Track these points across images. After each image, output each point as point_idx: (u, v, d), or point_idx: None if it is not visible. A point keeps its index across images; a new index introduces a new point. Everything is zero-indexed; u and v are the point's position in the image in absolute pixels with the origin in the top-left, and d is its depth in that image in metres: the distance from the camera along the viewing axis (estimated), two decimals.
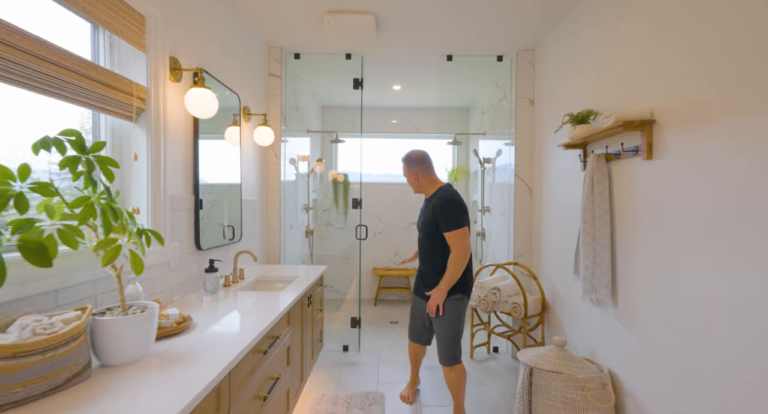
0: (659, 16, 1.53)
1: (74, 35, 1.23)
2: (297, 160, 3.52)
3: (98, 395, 0.81)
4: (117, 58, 1.35)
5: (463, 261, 1.82)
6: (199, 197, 1.76)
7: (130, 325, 0.95)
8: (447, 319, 1.88)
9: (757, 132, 1.11)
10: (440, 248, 1.89)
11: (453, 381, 1.94)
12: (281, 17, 2.36)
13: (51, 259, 0.81)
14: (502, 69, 3.07)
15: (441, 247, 1.88)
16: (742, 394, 1.15)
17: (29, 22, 1.01)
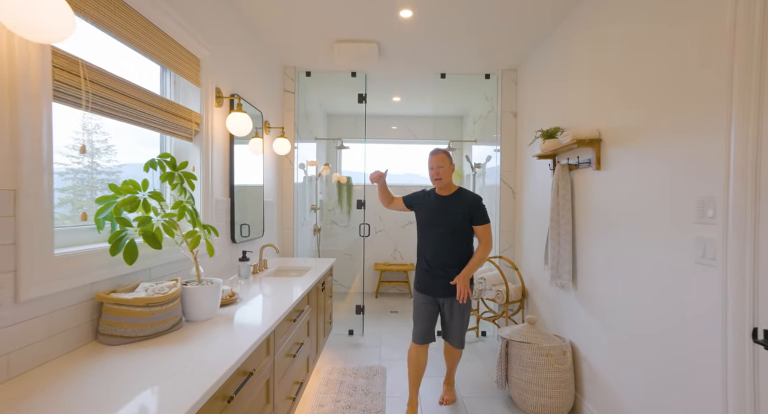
0: (597, 67, 1.92)
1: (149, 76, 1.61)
2: (306, 164, 3.91)
3: (190, 337, 1.19)
4: (181, 92, 1.73)
5: (488, 253, 2.01)
6: (233, 200, 2.15)
7: (206, 292, 1.34)
8: (467, 306, 2.05)
9: (667, 148, 1.50)
10: (464, 242, 2.02)
11: (457, 358, 2.22)
12: (297, 44, 2.75)
13: (160, 244, 1.20)
14: (490, 85, 3.46)
15: (464, 241, 2.02)
16: (665, 352, 1.54)
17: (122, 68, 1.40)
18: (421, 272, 2.09)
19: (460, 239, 2.00)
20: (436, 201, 2.07)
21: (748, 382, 1.12)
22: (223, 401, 0.98)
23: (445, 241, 2.01)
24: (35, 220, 0.93)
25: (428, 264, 2.04)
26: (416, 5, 2.20)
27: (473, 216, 1.99)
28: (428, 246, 2.06)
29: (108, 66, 1.22)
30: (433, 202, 2.08)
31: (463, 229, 2.00)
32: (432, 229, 2.05)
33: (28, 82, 0.91)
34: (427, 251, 2.06)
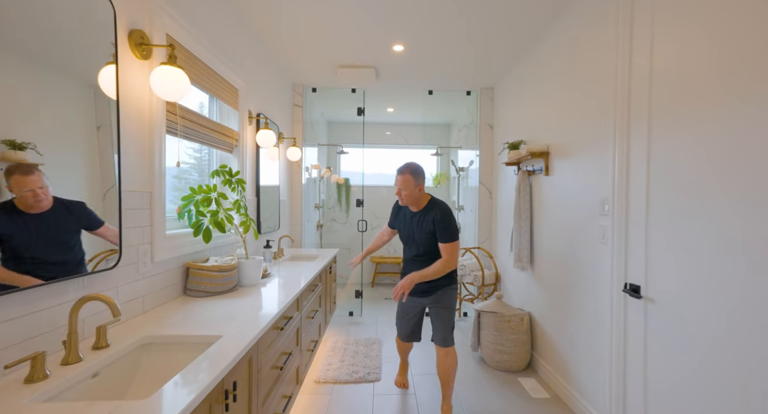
0: (546, 94, 2.47)
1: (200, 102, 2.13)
2: (311, 168, 4.42)
3: (248, 295, 1.71)
4: (225, 115, 2.25)
5: (447, 269, 1.94)
6: (259, 199, 2.67)
7: (254, 265, 1.86)
8: (447, 303, 2.06)
9: (586, 161, 2.05)
10: (433, 253, 2.00)
11: (449, 367, 2.00)
12: (306, 67, 3.27)
13: (225, 230, 1.72)
14: (471, 100, 4.01)
15: (434, 252, 2.00)
16: (580, 305, 2.09)
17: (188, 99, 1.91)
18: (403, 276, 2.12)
19: (434, 253, 1.99)
20: (410, 218, 2.07)
21: (621, 315, 1.69)
22: (277, 329, 1.51)
23: (420, 258, 2.03)
24: (158, 211, 1.45)
25: (408, 271, 2.09)
26: (407, 41, 2.73)
27: (437, 233, 1.94)
28: (408, 259, 2.13)
29: (185, 103, 1.73)
30: (409, 218, 2.08)
31: (430, 244, 1.99)
32: (409, 244, 2.09)
33: (157, 122, 1.43)
34: (408, 263, 2.13)
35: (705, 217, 1.29)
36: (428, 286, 2.04)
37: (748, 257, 1.13)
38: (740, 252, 1.16)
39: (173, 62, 1.31)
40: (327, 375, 2.51)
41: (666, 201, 1.47)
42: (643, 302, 1.58)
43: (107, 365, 1.01)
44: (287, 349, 1.66)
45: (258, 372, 1.25)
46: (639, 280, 1.61)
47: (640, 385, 1.60)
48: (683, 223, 1.38)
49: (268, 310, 1.46)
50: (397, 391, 2.36)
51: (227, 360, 0.96)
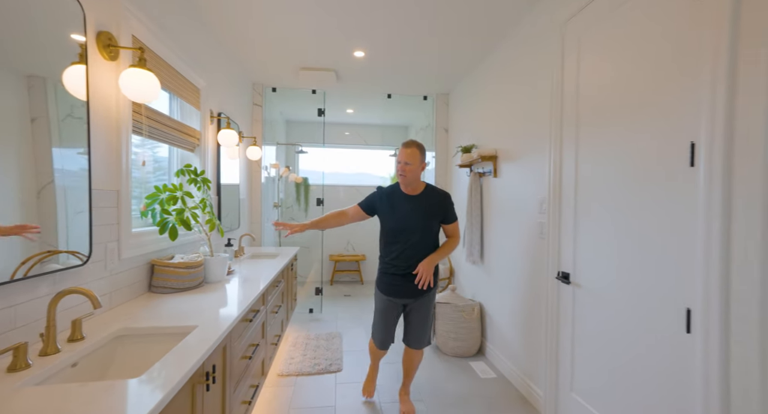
0: (494, 104, 2.74)
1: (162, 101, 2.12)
2: (270, 167, 4.42)
3: (213, 291, 1.76)
4: (186, 114, 2.25)
5: (457, 245, 1.99)
6: (220, 197, 2.67)
7: (220, 262, 1.90)
8: (431, 304, 1.98)
9: (527, 164, 2.32)
10: (435, 241, 1.93)
11: (417, 361, 2.07)
12: (267, 68, 3.30)
13: (191, 228, 1.76)
14: (428, 105, 4.24)
15: (435, 240, 1.93)
16: (524, 293, 2.36)
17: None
18: (389, 275, 1.93)
19: (432, 239, 1.92)
20: (407, 202, 1.89)
21: (554, 299, 1.96)
22: (246, 321, 1.58)
23: (419, 244, 1.87)
24: (125, 209, 1.47)
25: (397, 268, 1.89)
26: (367, 48, 2.87)
27: (446, 215, 1.92)
28: (399, 250, 1.88)
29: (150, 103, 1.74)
30: (403, 203, 1.89)
31: (434, 229, 1.92)
32: (404, 233, 1.87)
33: (123, 121, 1.44)
34: (398, 255, 1.89)
35: (611, 214, 1.56)
36: (426, 289, 1.89)
37: (643, 253, 1.41)
38: (637, 245, 1.44)
39: (143, 65, 1.35)
40: (290, 368, 2.58)
41: (588, 200, 1.75)
42: (572, 287, 1.86)
43: (85, 356, 1.05)
44: (254, 340, 1.73)
45: (231, 360, 1.33)
46: (569, 269, 1.88)
47: (569, 359, 1.87)
48: (598, 218, 1.66)
49: (239, 302, 1.54)
50: (359, 379, 2.49)
51: (209, 343, 1.04)
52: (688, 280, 1.22)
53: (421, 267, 1.80)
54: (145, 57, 1.40)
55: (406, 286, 1.90)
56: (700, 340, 1.18)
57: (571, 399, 1.84)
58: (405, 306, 1.99)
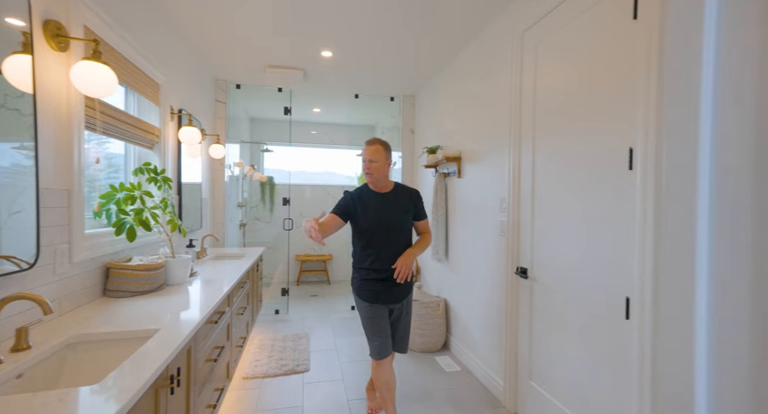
0: (459, 106, 2.84)
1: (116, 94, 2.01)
2: (233, 165, 4.29)
3: (175, 293, 1.71)
4: (144, 109, 2.14)
5: (431, 242, 2.01)
6: (181, 197, 2.57)
7: (183, 263, 1.84)
8: (411, 309, 1.99)
9: (490, 165, 2.43)
10: (408, 240, 1.89)
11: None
12: (231, 65, 3.21)
13: (150, 228, 1.69)
14: (395, 106, 4.30)
15: (408, 238, 1.89)
16: (484, 288, 2.47)
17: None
18: (369, 282, 1.82)
19: (407, 237, 1.89)
20: (378, 201, 1.83)
21: (513, 293, 2.08)
22: (211, 323, 1.55)
23: (395, 244, 1.81)
24: (77, 209, 1.39)
25: (378, 272, 1.80)
26: (336, 48, 2.87)
27: (417, 211, 1.93)
28: (376, 252, 1.80)
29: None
30: (374, 203, 1.83)
31: (408, 226, 1.89)
32: (379, 234, 1.79)
33: (75, 117, 1.36)
34: (376, 258, 1.80)
35: (563, 212, 1.68)
36: (404, 289, 1.88)
37: (591, 248, 1.53)
38: (585, 241, 1.56)
39: (98, 58, 1.29)
40: (255, 370, 2.54)
41: (543, 200, 1.86)
42: (529, 282, 1.97)
43: (32, 366, 0.99)
44: (220, 343, 1.69)
45: (196, 363, 1.30)
46: (527, 264, 1.99)
47: (527, 349, 1.98)
48: (552, 216, 1.78)
49: (203, 304, 1.50)
50: (327, 378, 2.50)
51: (174, 345, 1.02)
52: (628, 272, 1.35)
53: (400, 260, 1.75)
54: (100, 49, 1.33)
55: (390, 291, 1.82)
56: (636, 325, 1.30)
57: (529, 387, 1.95)
58: (391, 312, 1.91)
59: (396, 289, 1.84)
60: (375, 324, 1.84)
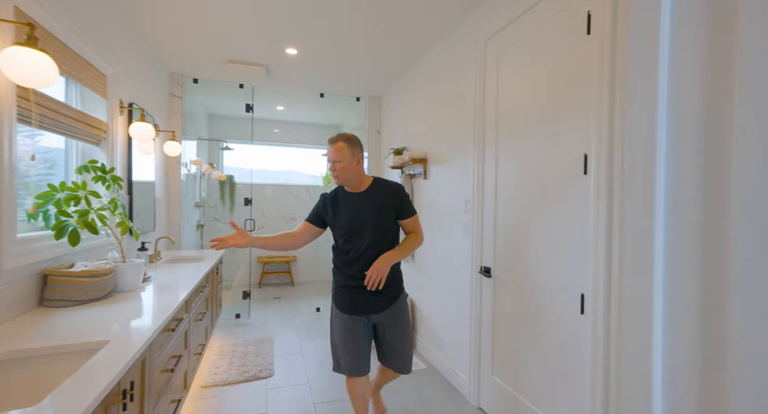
0: (425, 108, 2.89)
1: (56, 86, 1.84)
2: (190, 163, 4.07)
3: (126, 301, 1.59)
4: (90, 103, 1.97)
5: (419, 244, 1.72)
6: (132, 196, 2.40)
7: (134, 268, 1.72)
8: (407, 319, 1.72)
9: (455, 167, 2.48)
10: (391, 243, 1.65)
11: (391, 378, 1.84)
12: (188, 58, 3.04)
13: (97, 231, 1.57)
14: (360, 106, 4.28)
15: (394, 241, 1.67)
16: (450, 286, 2.52)
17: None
18: (346, 290, 1.65)
19: (389, 240, 1.65)
20: (353, 202, 1.66)
21: (477, 292, 2.14)
22: (168, 331, 1.46)
23: (374, 249, 1.60)
24: (8, 211, 1.25)
25: (356, 278, 1.61)
26: (300, 46, 2.80)
27: (399, 209, 1.67)
28: (353, 259, 1.62)
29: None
30: (348, 205, 1.66)
31: (390, 229, 1.66)
32: (355, 239, 1.62)
33: (5, 108, 1.23)
34: (352, 265, 1.62)
35: (524, 213, 1.76)
36: (385, 297, 1.64)
37: (550, 247, 1.61)
38: (544, 240, 1.64)
39: (34, 44, 1.17)
40: (215, 378, 2.42)
41: (506, 200, 1.93)
42: (492, 280, 2.03)
43: None
44: (177, 352, 1.60)
45: (150, 374, 1.21)
46: (490, 263, 2.06)
47: (489, 345, 2.05)
48: (514, 217, 1.85)
49: (159, 311, 1.41)
50: (291, 382, 2.44)
51: (126, 357, 0.94)
52: (582, 270, 1.43)
53: (373, 265, 1.53)
54: (36, 35, 1.21)
55: (367, 299, 1.61)
56: (590, 320, 1.39)
57: (491, 381, 2.02)
58: (375, 327, 1.70)
59: (374, 298, 1.61)
60: (348, 338, 1.64)
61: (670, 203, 0.56)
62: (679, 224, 0.55)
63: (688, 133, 0.54)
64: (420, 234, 1.74)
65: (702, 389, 0.54)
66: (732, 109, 0.51)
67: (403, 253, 1.63)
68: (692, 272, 0.54)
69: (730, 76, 0.50)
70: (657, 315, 0.56)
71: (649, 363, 0.58)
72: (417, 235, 1.73)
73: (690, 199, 0.54)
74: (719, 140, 0.52)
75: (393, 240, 1.67)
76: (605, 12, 1.32)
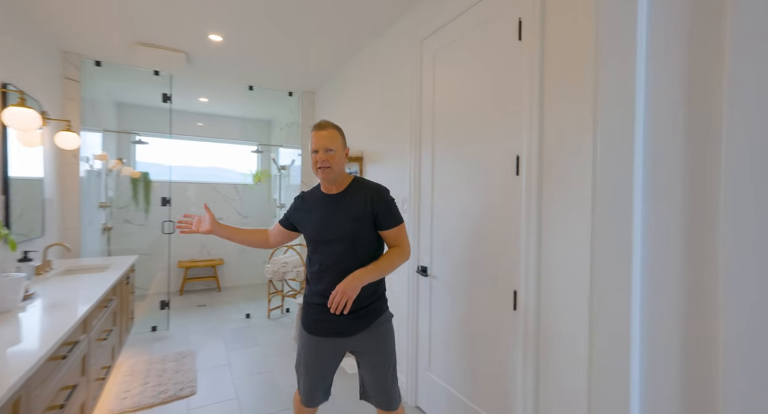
0: (362, 106, 2.85)
1: None
2: (93, 158, 3.54)
3: (4, 322, 1.31)
4: None
5: (404, 259, 1.45)
6: (8, 197, 2.00)
7: (8, 284, 1.42)
8: (391, 345, 1.48)
9: (393, 165, 2.47)
10: (368, 256, 1.41)
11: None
12: (88, 36, 2.62)
13: None
14: (293, 101, 4.10)
15: (367, 254, 1.41)
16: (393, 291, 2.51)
17: None
18: (313, 307, 1.43)
19: (365, 252, 1.40)
20: (324, 204, 1.44)
21: (415, 291, 2.16)
22: (57, 359, 1.22)
23: (345, 261, 1.37)
24: None
25: (323, 295, 1.36)
26: (226, 33, 2.57)
27: (378, 216, 1.40)
28: (322, 270, 1.39)
29: None
30: (320, 206, 1.44)
31: (368, 238, 1.41)
32: (325, 246, 1.39)
33: None
34: (321, 277, 1.39)
35: (460, 212, 1.81)
36: (358, 318, 1.39)
37: (484, 246, 1.68)
38: (479, 239, 1.70)
39: None
40: (123, 405, 2.12)
41: (441, 200, 1.97)
42: (429, 279, 2.06)
43: None
44: (70, 381, 1.35)
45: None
46: (427, 263, 2.08)
47: (426, 342, 2.08)
48: (450, 216, 1.89)
49: (45, 335, 1.17)
50: (218, 399, 2.23)
51: None
52: (515, 267, 1.51)
53: (339, 285, 1.27)
54: None
55: (334, 320, 1.36)
56: (522, 316, 1.46)
57: (428, 378, 2.05)
58: (354, 354, 1.47)
59: (343, 319, 1.35)
60: (308, 360, 1.43)
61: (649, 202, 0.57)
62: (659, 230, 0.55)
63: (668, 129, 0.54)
64: (405, 248, 1.45)
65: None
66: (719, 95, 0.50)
67: (380, 272, 1.36)
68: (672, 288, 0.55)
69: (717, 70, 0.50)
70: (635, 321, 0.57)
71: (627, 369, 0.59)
72: (401, 250, 1.43)
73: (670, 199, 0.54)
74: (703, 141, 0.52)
75: (373, 253, 1.42)
76: (534, 20, 1.39)
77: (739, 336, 0.49)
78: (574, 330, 1.26)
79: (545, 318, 1.37)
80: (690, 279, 0.50)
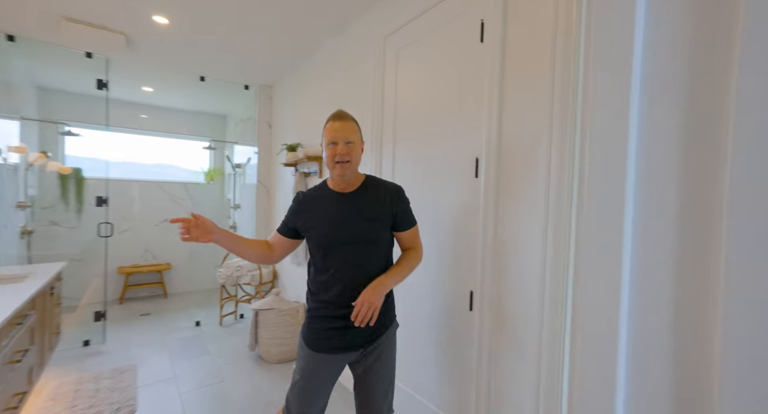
0: (319, 103, 2.74)
1: None
2: (7, 150, 3.10)
3: None
4: None
5: (421, 260, 1.37)
6: None
7: None
8: (394, 355, 1.37)
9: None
10: (384, 260, 1.30)
11: None
12: None
13: None
14: (249, 95, 3.87)
15: (388, 257, 1.32)
16: None
17: None
18: (320, 320, 1.27)
19: (382, 256, 1.30)
20: (338, 203, 1.28)
21: None
22: None
23: (363, 264, 1.25)
24: None
25: (337, 304, 1.24)
26: (173, 15, 2.34)
27: (398, 216, 1.30)
28: (335, 280, 1.24)
29: None
30: (331, 205, 1.28)
31: (384, 240, 1.30)
32: (340, 249, 1.24)
33: None
34: (331, 289, 1.25)
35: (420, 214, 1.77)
36: (373, 330, 1.26)
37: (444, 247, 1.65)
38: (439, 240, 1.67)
39: None
40: None
41: None
42: None
43: None
44: None
45: None
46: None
47: None
48: None
49: None
50: None
51: None
52: (472, 269, 1.49)
53: (363, 295, 1.17)
54: None
55: (345, 334, 1.23)
56: (477, 315, 1.46)
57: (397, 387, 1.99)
58: (352, 366, 1.33)
59: (355, 331, 1.23)
60: (311, 383, 1.26)
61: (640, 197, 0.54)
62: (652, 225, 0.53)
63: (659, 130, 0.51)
64: (420, 250, 1.37)
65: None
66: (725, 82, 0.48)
67: (401, 278, 1.27)
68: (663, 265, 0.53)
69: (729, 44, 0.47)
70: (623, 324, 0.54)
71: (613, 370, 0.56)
72: (417, 252, 1.35)
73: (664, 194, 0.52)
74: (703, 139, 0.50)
75: (388, 257, 1.32)
76: (496, 22, 1.38)
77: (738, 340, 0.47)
78: (524, 330, 1.29)
79: (498, 318, 1.38)
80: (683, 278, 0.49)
